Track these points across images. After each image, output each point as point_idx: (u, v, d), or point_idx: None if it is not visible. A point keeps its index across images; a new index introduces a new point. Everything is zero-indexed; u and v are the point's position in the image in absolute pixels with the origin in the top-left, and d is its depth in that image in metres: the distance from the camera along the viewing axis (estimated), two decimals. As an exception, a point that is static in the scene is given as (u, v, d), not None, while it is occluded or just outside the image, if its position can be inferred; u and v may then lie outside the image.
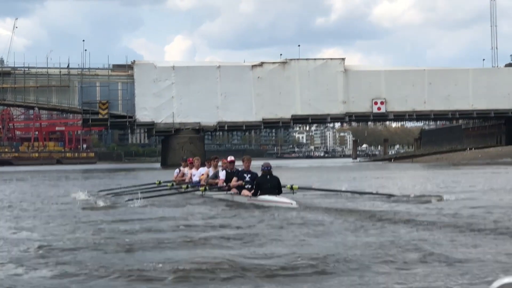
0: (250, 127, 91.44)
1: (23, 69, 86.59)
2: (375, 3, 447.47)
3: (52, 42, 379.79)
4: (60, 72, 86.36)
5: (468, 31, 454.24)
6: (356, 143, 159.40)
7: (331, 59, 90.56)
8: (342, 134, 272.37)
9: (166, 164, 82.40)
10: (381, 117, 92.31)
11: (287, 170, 59.32)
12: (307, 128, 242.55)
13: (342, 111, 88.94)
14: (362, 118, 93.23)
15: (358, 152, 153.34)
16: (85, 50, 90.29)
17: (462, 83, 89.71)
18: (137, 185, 24.89)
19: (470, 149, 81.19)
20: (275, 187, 17.09)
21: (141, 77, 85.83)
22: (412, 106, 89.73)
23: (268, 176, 17.24)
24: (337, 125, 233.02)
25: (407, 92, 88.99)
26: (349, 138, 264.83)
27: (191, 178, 22.34)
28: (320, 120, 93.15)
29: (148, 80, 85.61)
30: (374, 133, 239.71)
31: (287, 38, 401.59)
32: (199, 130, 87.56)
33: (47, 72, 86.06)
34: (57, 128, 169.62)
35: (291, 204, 15.77)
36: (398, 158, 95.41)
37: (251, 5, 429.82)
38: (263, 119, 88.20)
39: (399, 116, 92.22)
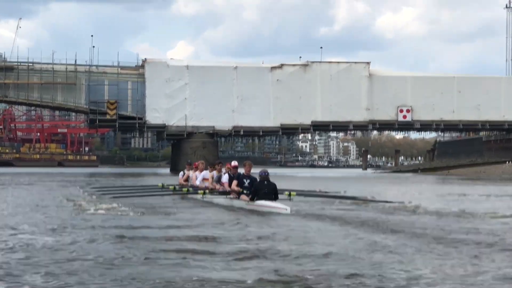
0: (267, 132, 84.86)
1: (27, 64, 79.40)
2: (379, 13, 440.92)
3: (55, 44, 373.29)
4: (66, 68, 79.40)
5: (471, 45, 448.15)
6: (366, 153, 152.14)
7: (355, 62, 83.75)
8: (345, 144, 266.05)
9: (177, 170, 75.23)
10: (407, 126, 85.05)
11: (302, 180, 52.11)
12: (310, 137, 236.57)
13: (366, 118, 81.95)
14: (386, 126, 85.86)
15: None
16: (93, 46, 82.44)
17: (494, 92, 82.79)
18: (141, 186, 26.35)
19: (509, 162, 74.04)
20: (272, 193, 17.45)
21: (152, 76, 79.02)
22: (439, 115, 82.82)
23: (266, 182, 17.56)
24: (341, 134, 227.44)
25: (434, 100, 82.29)
26: (353, 148, 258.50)
27: (195, 180, 22.70)
28: (342, 127, 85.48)
29: (160, 80, 78.75)
30: (377, 144, 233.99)
31: (290, 47, 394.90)
32: (213, 135, 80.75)
33: (53, 68, 79.19)
34: (59, 130, 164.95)
35: (286, 209, 16.09)
36: (425, 170, 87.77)
37: (254, 13, 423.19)
38: (281, 125, 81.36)
39: (426, 126, 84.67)
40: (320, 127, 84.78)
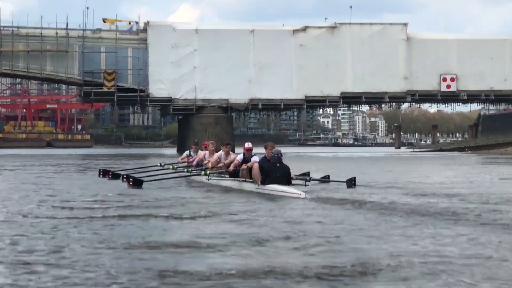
0: (289, 105, 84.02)
1: (11, 29, 77.62)
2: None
3: (43, 10, 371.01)
4: (56, 33, 77.75)
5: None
6: (399, 130, 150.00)
7: (390, 24, 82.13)
8: (373, 119, 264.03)
9: (184, 150, 73.54)
10: (451, 97, 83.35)
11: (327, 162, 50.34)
12: (332, 111, 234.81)
13: (403, 88, 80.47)
14: (427, 97, 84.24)
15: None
16: (87, 8, 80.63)
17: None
18: (139, 167, 26.86)
19: None
20: (285, 176, 17.56)
21: (156, 41, 77.59)
22: (489, 85, 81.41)
23: (278, 164, 17.66)
24: (367, 108, 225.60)
25: (483, 67, 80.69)
26: (381, 123, 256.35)
27: (203, 160, 22.91)
28: (376, 99, 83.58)
29: (165, 46, 77.31)
30: (408, 119, 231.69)
31: (306, 10, 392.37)
32: (227, 109, 79.38)
33: (41, 33, 77.46)
34: (48, 106, 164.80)
35: (300, 195, 16.19)
36: (472, 148, 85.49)
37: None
38: (305, 97, 79.96)
39: (474, 96, 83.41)
40: (351, 99, 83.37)
